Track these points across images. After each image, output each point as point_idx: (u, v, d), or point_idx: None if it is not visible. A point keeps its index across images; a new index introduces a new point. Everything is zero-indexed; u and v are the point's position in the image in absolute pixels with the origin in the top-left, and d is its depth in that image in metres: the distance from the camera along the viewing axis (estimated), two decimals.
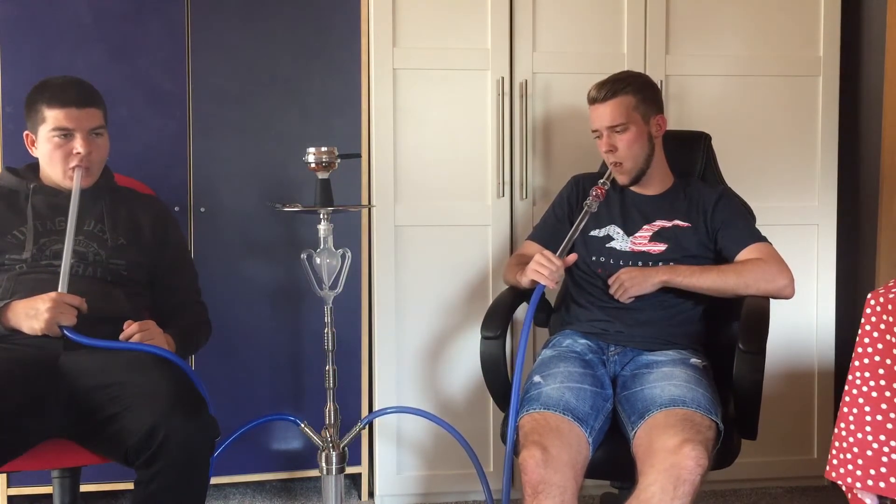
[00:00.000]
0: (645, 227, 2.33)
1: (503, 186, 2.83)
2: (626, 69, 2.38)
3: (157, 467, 1.79)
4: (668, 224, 2.32)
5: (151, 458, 1.78)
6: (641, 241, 2.31)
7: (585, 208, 2.27)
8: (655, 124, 2.32)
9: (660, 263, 2.27)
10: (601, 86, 2.31)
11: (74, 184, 2.13)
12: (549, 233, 2.44)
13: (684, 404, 1.96)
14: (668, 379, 2.06)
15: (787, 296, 2.22)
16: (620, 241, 2.33)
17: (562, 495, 1.90)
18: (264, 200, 2.69)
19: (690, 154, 2.51)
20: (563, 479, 1.91)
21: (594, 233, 2.36)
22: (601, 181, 2.31)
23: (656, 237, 2.31)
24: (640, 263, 2.29)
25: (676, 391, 2.01)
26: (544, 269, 2.18)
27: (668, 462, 1.83)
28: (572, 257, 2.25)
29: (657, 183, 2.38)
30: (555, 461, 1.92)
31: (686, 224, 2.31)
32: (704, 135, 2.54)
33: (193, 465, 1.83)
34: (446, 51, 2.80)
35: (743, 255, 2.26)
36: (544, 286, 2.20)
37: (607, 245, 2.34)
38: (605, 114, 2.28)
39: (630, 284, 2.23)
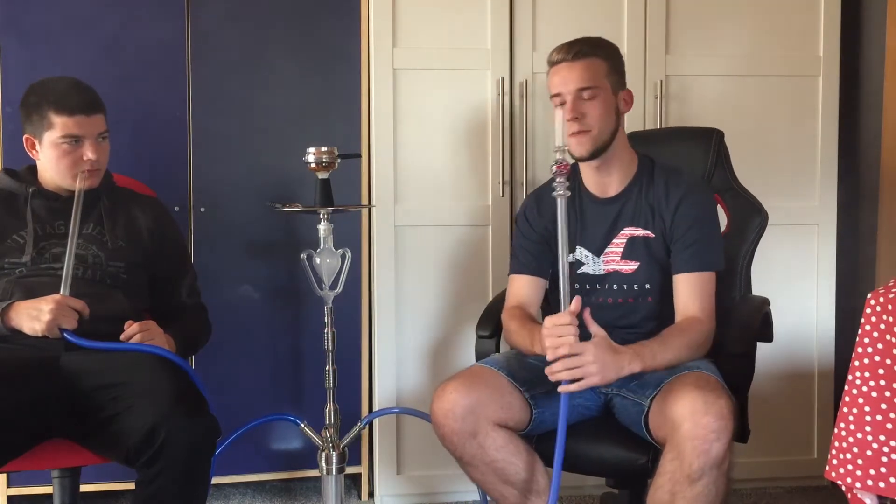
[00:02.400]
0: (614, 240, 2.14)
1: (503, 186, 2.83)
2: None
3: (158, 467, 1.79)
4: (637, 233, 2.12)
5: (152, 459, 1.78)
6: (613, 258, 2.13)
7: (559, 200, 1.92)
8: (622, 99, 2.13)
9: (634, 286, 2.11)
10: (570, 45, 2.08)
11: (77, 187, 2.12)
12: (532, 259, 2.21)
13: (698, 369, 1.95)
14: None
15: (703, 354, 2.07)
16: (591, 264, 2.14)
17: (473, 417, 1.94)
18: (264, 200, 2.69)
19: (699, 152, 2.40)
20: (476, 404, 1.95)
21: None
22: (557, 155, 1.92)
23: (628, 253, 2.12)
24: (614, 287, 2.12)
25: (692, 364, 1.98)
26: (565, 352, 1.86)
27: (684, 429, 1.76)
28: (576, 304, 1.90)
29: (619, 170, 2.15)
30: (472, 390, 1.95)
31: (652, 235, 2.12)
32: (716, 131, 2.42)
33: (194, 465, 1.82)
34: (446, 51, 2.80)
35: (679, 282, 2.07)
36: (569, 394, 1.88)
37: (578, 272, 2.15)
38: (574, 75, 2.05)
39: (595, 371, 1.86)
